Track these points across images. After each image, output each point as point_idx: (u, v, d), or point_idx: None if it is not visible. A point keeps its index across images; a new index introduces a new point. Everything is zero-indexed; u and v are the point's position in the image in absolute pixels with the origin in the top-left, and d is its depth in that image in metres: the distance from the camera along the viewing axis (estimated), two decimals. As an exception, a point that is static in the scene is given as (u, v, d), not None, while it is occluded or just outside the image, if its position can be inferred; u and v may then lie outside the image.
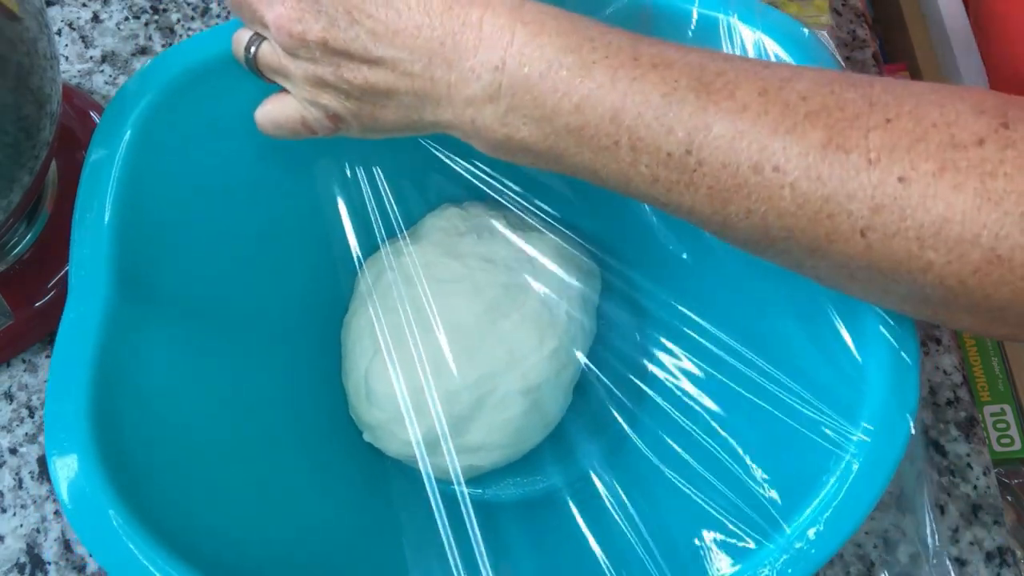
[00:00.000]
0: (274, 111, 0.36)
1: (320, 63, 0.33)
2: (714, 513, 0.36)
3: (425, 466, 0.40)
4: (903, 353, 0.33)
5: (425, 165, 0.45)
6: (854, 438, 0.32)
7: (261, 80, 0.36)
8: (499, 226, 0.46)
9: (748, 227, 0.30)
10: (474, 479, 0.45)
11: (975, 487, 0.47)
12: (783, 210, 0.28)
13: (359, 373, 0.44)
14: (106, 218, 0.37)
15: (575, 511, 0.42)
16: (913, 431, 0.33)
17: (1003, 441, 0.54)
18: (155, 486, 0.34)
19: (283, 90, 0.36)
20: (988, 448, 0.49)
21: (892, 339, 0.33)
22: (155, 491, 0.34)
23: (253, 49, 0.35)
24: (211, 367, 0.40)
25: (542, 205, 0.48)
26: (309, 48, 0.33)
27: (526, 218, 0.47)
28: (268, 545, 0.38)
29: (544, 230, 0.47)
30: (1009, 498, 0.54)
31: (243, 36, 0.36)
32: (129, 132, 0.38)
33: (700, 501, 0.37)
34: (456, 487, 0.39)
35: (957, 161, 0.27)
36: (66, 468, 0.33)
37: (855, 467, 0.32)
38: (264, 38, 0.35)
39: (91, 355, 0.34)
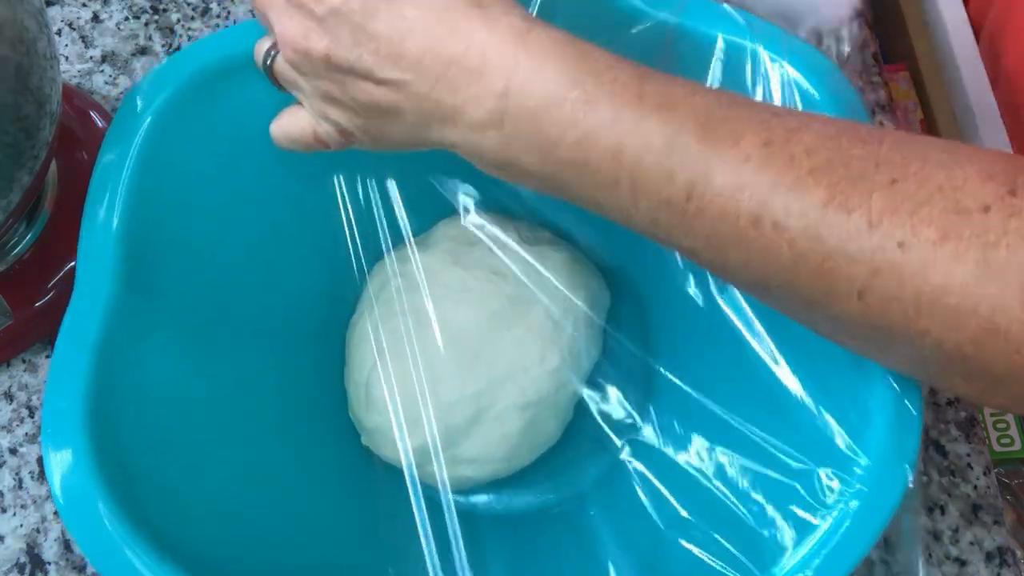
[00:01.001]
0: (288, 125, 0.36)
1: (326, 79, 0.33)
2: (698, 553, 0.36)
3: (411, 471, 0.39)
4: (907, 401, 0.33)
5: (439, 171, 0.45)
6: (850, 488, 0.32)
7: (276, 87, 0.36)
8: (510, 238, 0.45)
9: (747, 275, 0.29)
10: (468, 491, 0.45)
11: (975, 487, 0.47)
12: (781, 265, 0.28)
13: (361, 377, 0.44)
14: (115, 221, 0.37)
15: (566, 531, 0.42)
16: (911, 483, 0.32)
17: (1003, 441, 0.54)
18: (147, 482, 0.34)
19: (298, 103, 0.36)
20: (988, 448, 0.49)
21: (896, 386, 0.33)
22: (147, 487, 0.34)
23: (269, 61, 0.35)
24: (211, 367, 0.40)
25: (556, 220, 0.48)
26: (314, 64, 0.33)
27: (539, 232, 0.47)
28: (259, 544, 0.38)
29: (556, 246, 0.46)
30: (1009, 498, 0.54)
31: (263, 45, 0.36)
32: (142, 133, 0.38)
33: (686, 540, 0.37)
34: (442, 495, 0.39)
35: (960, 229, 0.26)
36: (60, 460, 0.33)
37: (848, 517, 0.32)
38: None
39: (92, 350, 0.34)
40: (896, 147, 0.28)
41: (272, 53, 0.35)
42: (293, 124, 0.36)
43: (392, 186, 0.46)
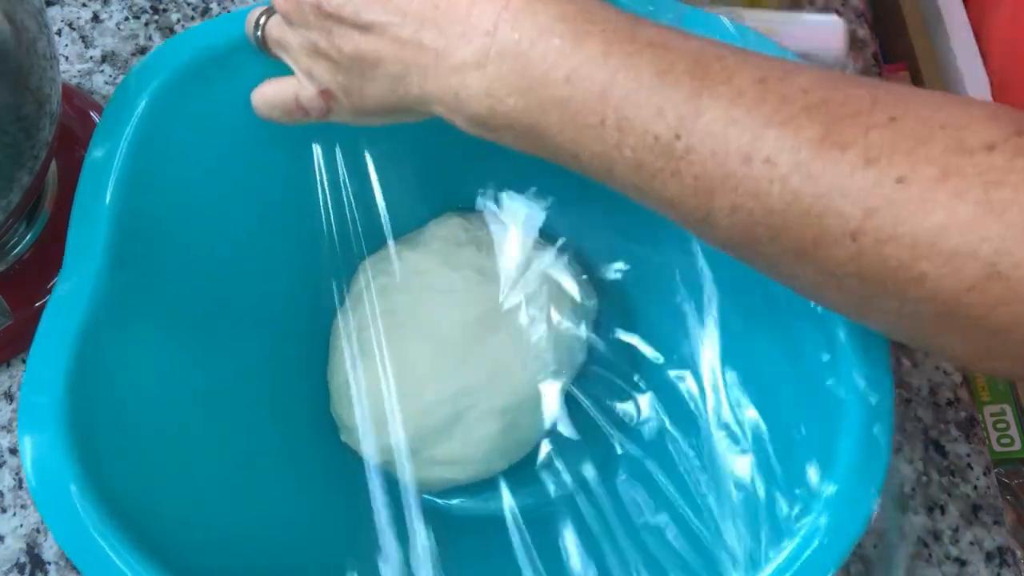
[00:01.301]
0: (269, 91, 0.37)
1: (313, 29, 0.33)
2: (672, 565, 0.37)
3: (370, 466, 0.39)
4: (875, 430, 0.32)
5: (436, 170, 0.45)
6: (815, 514, 0.32)
7: (265, 55, 0.37)
8: (499, 240, 0.45)
9: (731, 225, 0.28)
10: (445, 492, 0.45)
11: (975, 487, 0.47)
12: (770, 207, 0.27)
13: (343, 373, 0.44)
14: (105, 206, 0.37)
15: (542, 536, 0.42)
16: (876, 509, 0.32)
17: (1003, 441, 0.54)
18: (122, 467, 0.34)
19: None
20: (988, 448, 0.49)
21: (865, 414, 0.33)
22: (121, 472, 0.34)
23: (262, 22, 0.36)
24: (195, 357, 0.40)
25: (546, 223, 0.48)
26: (303, 12, 0.33)
27: (528, 234, 0.47)
28: (233, 534, 0.38)
29: (544, 250, 0.46)
30: (1009, 498, 0.54)
31: (255, 14, 0.37)
32: (135, 120, 0.38)
33: (656, 554, 0.38)
34: (404, 493, 0.39)
35: (962, 167, 0.25)
36: (35, 439, 0.33)
37: (811, 544, 0.31)
38: (273, 13, 0.36)
39: (75, 334, 0.34)
40: (894, 91, 0.27)
41: (263, 19, 0.36)
42: (275, 90, 0.37)
43: (389, 183, 0.46)
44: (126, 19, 0.56)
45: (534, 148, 0.31)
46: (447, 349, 0.43)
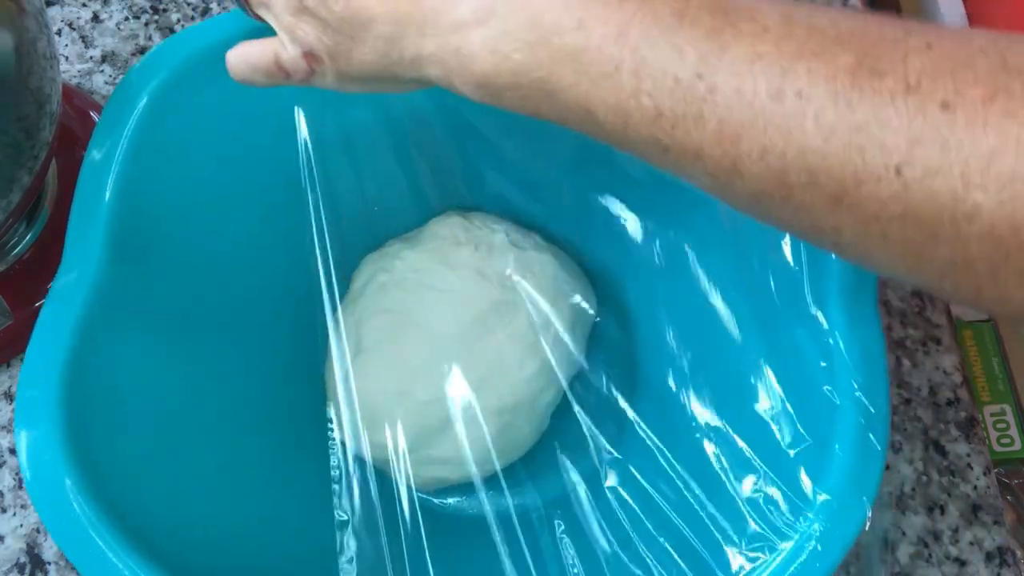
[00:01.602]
0: (249, 50, 0.34)
1: None
2: (669, 558, 0.37)
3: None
4: (871, 435, 0.32)
5: (436, 169, 0.45)
6: (807, 521, 0.32)
7: (249, 14, 0.35)
8: (499, 240, 0.45)
9: (762, 172, 0.26)
10: (440, 492, 0.45)
11: (975, 487, 0.47)
12: (804, 146, 0.25)
13: (340, 371, 0.44)
14: (104, 205, 0.37)
15: (536, 536, 0.42)
16: (869, 516, 0.32)
17: (1003, 441, 0.54)
18: (117, 464, 0.35)
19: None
20: (988, 448, 0.49)
21: (862, 419, 0.33)
22: (116, 468, 0.34)
23: None
24: (190, 354, 0.40)
25: (546, 223, 0.48)
26: None
27: (528, 235, 0.47)
28: (226, 532, 0.38)
29: (544, 250, 0.46)
30: (1009, 498, 0.54)
31: None
32: (133, 120, 0.38)
33: (648, 560, 0.38)
34: (399, 488, 0.39)
35: (1010, 85, 0.23)
36: (31, 433, 0.33)
37: (803, 550, 0.31)
38: None
39: (71, 331, 0.35)
40: (924, 24, 0.25)
41: None
42: (255, 50, 0.34)
43: (390, 181, 0.46)
44: (126, 19, 0.56)
45: (541, 107, 0.29)
46: (444, 348, 0.43)
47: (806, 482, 0.33)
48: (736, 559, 0.34)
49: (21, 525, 0.45)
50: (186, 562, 0.34)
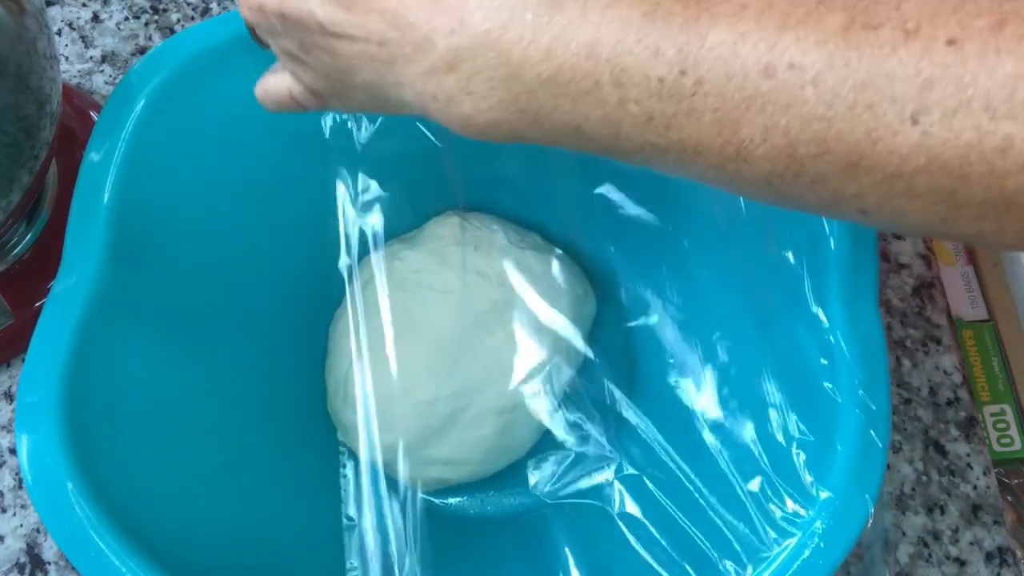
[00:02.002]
0: (269, 84, 0.35)
1: (283, 37, 0.32)
2: (670, 557, 0.37)
3: (378, 468, 0.39)
4: (872, 432, 0.32)
5: (435, 170, 0.45)
6: (810, 519, 0.32)
7: (263, 60, 0.36)
8: (498, 240, 0.45)
9: (768, 153, 0.25)
10: (441, 492, 0.45)
11: (975, 487, 0.47)
12: (808, 115, 0.23)
13: (341, 372, 0.44)
14: (103, 206, 0.37)
15: (537, 537, 0.42)
16: (871, 513, 0.32)
17: (1003, 441, 0.54)
18: (118, 466, 0.35)
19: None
20: (988, 448, 0.49)
21: (862, 415, 0.33)
22: (117, 470, 0.34)
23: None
24: (192, 356, 0.40)
25: (545, 223, 0.48)
26: (271, 22, 0.32)
27: (527, 235, 0.47)
28: (228, 533, 0.38)
29: (543, 250, 0.46)
30: (1009, 498, 0.54)
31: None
32: (132, 121, 0.38)
33: (649, 558, 0.37)
34: (400, 489, 0.39)
35: (1019, 10, 0.21)
36: (31, 436, 0.33)
37: (807, 547, 0.32)
38: None
39: (71, 334, 0.35)
40: None
41: None
42: (273, 84, 0.35)
43: (389, 181, 0.45)
44: (126, 19, 0.56)
45: (535, 135, 0.29)
46: (444, 349, 0.43)
47: (808, 479, 0.33)
48: (739, 557, 0.34)
49: (21, 525, 0.45)
50: (188, 563, 0.34)
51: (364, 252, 0.48)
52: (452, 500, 0.45)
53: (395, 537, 0.39)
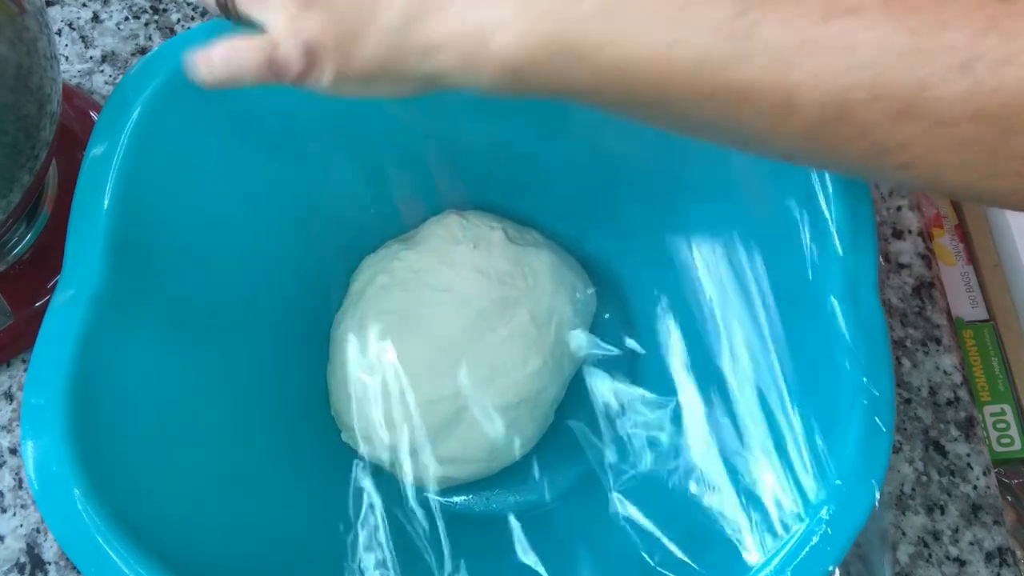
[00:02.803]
0: (240, 49, 0.31)
1: None
2: (673, 560, 0.37)
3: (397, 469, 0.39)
4: (877, 418, 0.32)
5: (433, 170, 0.45)
6: (817, 505, 0.32)
7: (233, 22, 0.33)
8: (497, 238, 0.45)
9: (820, 98, 0.25)
10: (447, 490, 0.45)
11: (975, 487, 0.47)
12: (862, 62, 0.24)
13: (343, 373, 0.44)
14: (103, 210, 0.37)
15: (545, 533, 0.42)
16: (878, 497, 0.32)
17: (1003, 441, 0.54)
18: (124, 471, 0.34)
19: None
20: (988, 448, 0.49)
21: (866, 401, 0.33)
22: (123, 475, 0.34)
23: None
24: (195, 360, 0.40)
25: (544, 221, 0.48)
26: None
27: (526, 232, 0.47)
28: (235, 536, 0.38)
29: (543, 247, 0.46)
30: (1009, 498, 0.54)
31: None
32: (132, 122, 0.38)
33: (657, 549, 0.37)
34: (405, 487, 0.39)
35: None
36: (36, 447, 0.33)
37: (815, 533, 0.32)
38: None
39: (75, 339, 0.34)
40: None
41: None
42: (247, 48, 0.31)
43: (388, 182, 0.46)
44: (126, 19, 0.56)
45: (567, 79, 0.27)
46: (446, 348, 0.43)
47: (813, 467, 0.33)
48: (747, 546, 0.34)
49: (21, 525, 0.45)
50: (197, 568, 0.33)
51: (364, 253, 0.48)
52: (458, 499, 0.45)
53: (402, 537, 0.39)
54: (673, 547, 0.37)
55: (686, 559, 0.36)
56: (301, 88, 0.32)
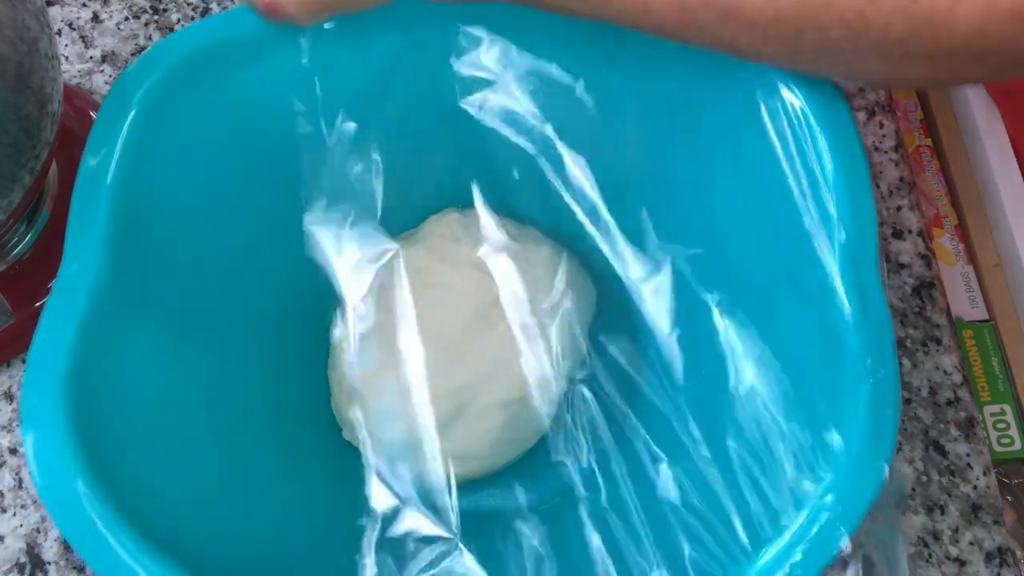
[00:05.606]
0: None
1: None
2: (680, 546, 0.37)
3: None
4: (883, 394, 0.33)
5: (431, 167, 0.45)
6: (826, 483, 0.32)
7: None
8: (497, 234, 0.46)
9: (666, 5, 0.31)
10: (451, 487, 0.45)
11: (975, 487, 0.47)
12: None
13: (343, 371, 0.44)
14: (101, 210, 0.37)
15: (551, 528, 0.42)
16: (887, 475, 0.32)
17: (1003, 441, 0.54)
18: (127, 464, 0.34)
19: None
20: (988, 448, 0.49)
21: (872, 379, 0.33)
22: (126, 468, 0.34)
23: None
24: (195, 355, 0.40)
25: (543, 217, 0.48)
26: None
27: (525, 229, 0.47)
28: (236, 531, 0.38)
29: (542, 243, 0.46)
30: (1009, 498, 0.54)
31: None
32: (129, 122, 0.38)
33: (667, 534, 0.38)
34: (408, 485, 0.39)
35: None
36: (37, 439, 0.33)
37: (825, 511, 0.32)
38: None
39: (73, 335, 0.34)
40: None
41: None
42: None
43: (387, 180, 0.45)
44: (126, 19, 0.56)
45: None
46: (447, 345, 0.43)
47: (821, 444, 0.33)
48: (756, 527, 0.34)
49: (21, 525, 0.45)
50: (201, 560, 0.33)
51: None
52: (462, 496, 0.45)
53: (405, 534, 0.39)
54: (687, 527, 0.37)
55: (704, 533, 0.36)
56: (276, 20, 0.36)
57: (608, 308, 0.48)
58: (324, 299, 0.47)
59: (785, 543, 0.31)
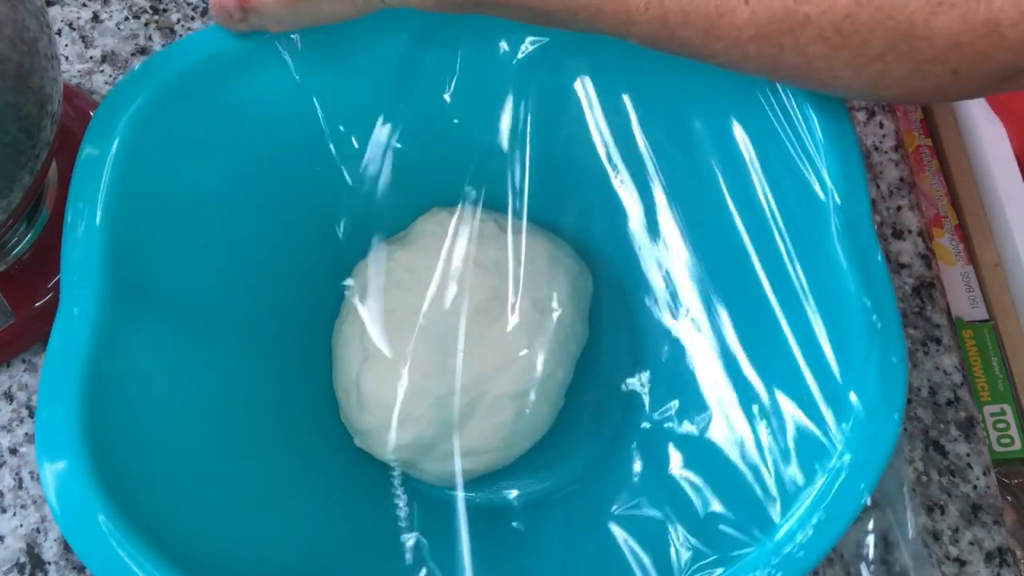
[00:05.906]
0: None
1: None
2: (701, 518, 0.37)
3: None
4: (892, 355, 0.33)
5: (418, 168, 0.45)
6: (841, 443, 0.33)
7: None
8: (488, 229, 0.46)
9: (650, 20, 0.31)
10: (465, 483, 0.45)
11: (975, 487, 0.47)
12: None
13: (349, 379, 0.44)
14: (97, 219, 0.36)
15: (566, 515, 0.42)
16: (902, 429, 0.33)
17: (1003, 441, 0.54)
18: (145, 490, 0.34)
19: None
20: (988, 448, 0.49)
21: (879, 338, 0.33)
22: (145, 495, 0.34)
23: None
24: (203, 370, 0.40)
25: (536, 210, 0.48)
26: None
27: (518, 222, 0.47)
28: (259, 548, 0.38)
29: (536, 235, 0.46)
30: (1009, 498, 0.54)
31: None
32: (121, 131, 0.38)
33: (686, 505, 0.38)
34: (423, 486, 0.38)
35: None
36: (56, 473, 0.32)
37: (841, 472, 0.32)
38: None
39: (83, 359, 0.34)
40: None
41: None
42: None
43: (377, 181, 0.46)
44: (126, 19, 0.56)
45: None
46: (450, 343, 0.43)
47: (835, 404, 0.33)
48: (781, 490, 0.34)
49: (21, 525, 0.45)
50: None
51: (359, 256, 0.48)
52: (476, 492, 0.46)
53: (427, 536, 0.39)
54: (704, 498, 0.37)
55: (719, 506, 0.36)
56: (249, 27, 0.37)
57: (604, 291, 0.48)
58: (324, 309, 0.47)
59: (810, 502, 0.32)
